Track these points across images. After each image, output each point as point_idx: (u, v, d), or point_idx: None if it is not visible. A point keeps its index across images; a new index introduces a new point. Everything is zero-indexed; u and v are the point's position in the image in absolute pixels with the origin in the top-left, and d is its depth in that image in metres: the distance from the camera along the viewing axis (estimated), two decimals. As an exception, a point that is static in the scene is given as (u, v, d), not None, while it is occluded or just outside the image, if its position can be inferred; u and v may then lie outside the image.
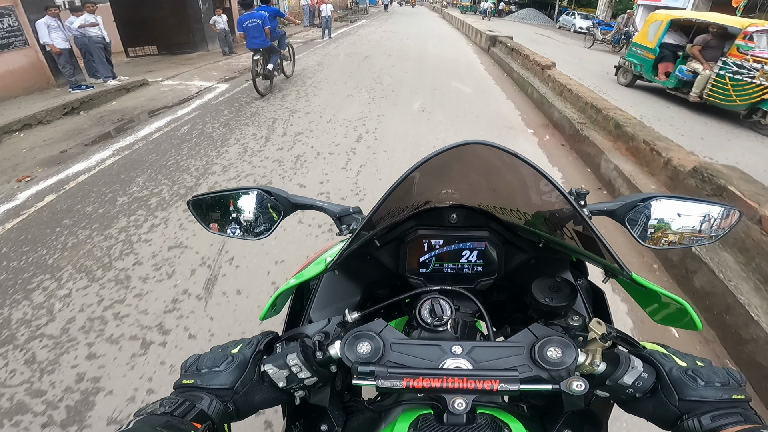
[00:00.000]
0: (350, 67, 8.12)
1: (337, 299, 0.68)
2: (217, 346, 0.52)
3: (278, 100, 5.68)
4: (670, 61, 6.48)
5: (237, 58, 9.81)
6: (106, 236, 2.57)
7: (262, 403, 0.49)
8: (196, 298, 2.05)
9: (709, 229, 0.66)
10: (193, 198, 0.73)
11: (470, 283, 0.68)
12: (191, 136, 4.39)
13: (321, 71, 7.73)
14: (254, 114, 5.09)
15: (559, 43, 15.12)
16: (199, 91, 6.54)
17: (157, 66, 8.93)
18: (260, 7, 6.20)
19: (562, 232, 0.55)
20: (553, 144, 4.21)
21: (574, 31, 22.54)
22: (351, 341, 0.47)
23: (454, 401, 0.42)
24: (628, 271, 0.49)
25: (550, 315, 0.59)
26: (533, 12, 29.81)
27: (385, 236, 0.68)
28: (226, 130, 4.50)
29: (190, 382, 0.46)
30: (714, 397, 0.41)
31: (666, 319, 0.59)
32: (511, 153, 0.46)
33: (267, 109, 5.30)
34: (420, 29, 17.19)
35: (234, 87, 6.74)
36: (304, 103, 5.48)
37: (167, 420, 0.40)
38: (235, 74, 7.90)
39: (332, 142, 4.10)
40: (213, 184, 3.26)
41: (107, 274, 2.22)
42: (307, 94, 5.99)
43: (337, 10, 27.91)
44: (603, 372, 0.46)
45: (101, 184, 3.30)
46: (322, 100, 5.64)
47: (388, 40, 12.80)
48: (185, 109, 5.52)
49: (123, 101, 6.19)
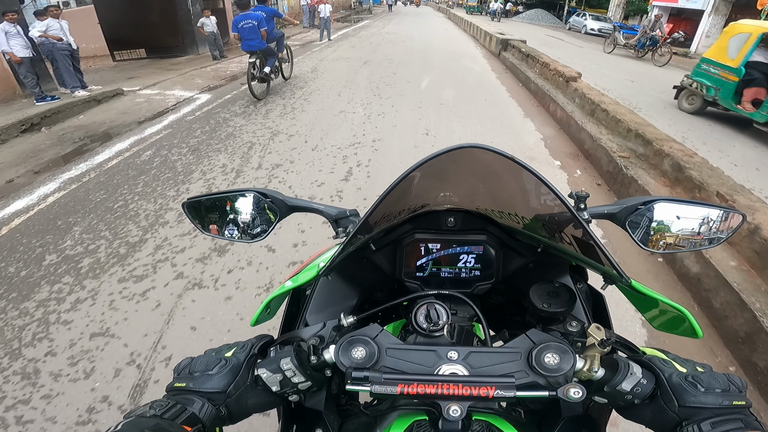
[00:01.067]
0: (347, 74, 7.35)
1: (334, 303, 0.68)
2: (211, 350, 0.52)
3: (260, 117, 4.94)
4: (762, 86, 4.93)
5: (227, 63, 9.11)
6: (21, 311, 2.04)
7: (255, 407, 0.48)
8: (118, 409, 1.58)
9: (711, 233, 0.65)
10: (189, 200, 0.72)
11: (468, 287, 0.67)
12: (152, 165, 3.68)
13: (314, 79, 6.98)
14: (230, 136, 4.36)
15: (572, 46, 14.29)
16: (177, 103, 5.84)
17: (141, 72, 8.28)
18: (257, 7, 5.79)
19: (561, 237, 0.54)
20: (587, 182, 3.43)
21: (585, 32, 21.69)
22: (345, 346, 0.45)
23: (450, 408, 0.41)
24: (626, 278, 0.49)
25: (548, 320, 0.58)
26: (541, 13, 28.94)
27: (382, 240, 0.68)
28: (194, 158, 3.78)
29: (182, 385, 0.46)
30: (714, 404, 0.40)
31: (666, 325, 0.58)
32: (508, 157, 0.45)
33: (245, 128, 4.56)
34: (424, 30, 16.38)
35: (216, 98, 6.03)
36: (289, 122, 4.74)
37: (156, 423, 0.39)
38: (222, 82, 7.19)
39: (315, 180, 3.34)
40: (162, 242, 2.54)
41: (14, 364, 1.78)
42: (294, 109, 5.23)
43: (339, 9, 27.23)
44: (601, 378, 0.45)
45: (34, 233, 2.66)
46: (311, 117, 4.89)
47: (391, 42, 12.02)
48: (155, 126, 4.82)
49: (92, 115, 5.51)
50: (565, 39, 16.90)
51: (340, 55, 9.71)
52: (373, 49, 10.74)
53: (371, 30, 16.07)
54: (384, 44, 11.61)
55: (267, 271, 2.30)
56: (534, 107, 5.62)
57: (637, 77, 8.62)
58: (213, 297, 2.11)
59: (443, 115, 5.08)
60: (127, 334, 1.89)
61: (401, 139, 4.24)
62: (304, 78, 7.12)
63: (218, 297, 2.11)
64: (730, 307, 1.88)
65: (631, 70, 9.57)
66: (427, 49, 10.90)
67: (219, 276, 2.26)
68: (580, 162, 3.78)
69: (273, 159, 3.69)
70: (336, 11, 26.29)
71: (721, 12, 15.73)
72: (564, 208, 0.46)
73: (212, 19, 9.03)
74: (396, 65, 8.29)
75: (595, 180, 3.47)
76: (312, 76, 7.25)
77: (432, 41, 12.71)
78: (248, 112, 5.18)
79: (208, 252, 2.45)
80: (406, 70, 7.83)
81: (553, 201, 0.48)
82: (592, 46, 15.07)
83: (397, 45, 11.48)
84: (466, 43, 13.05)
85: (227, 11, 11.75)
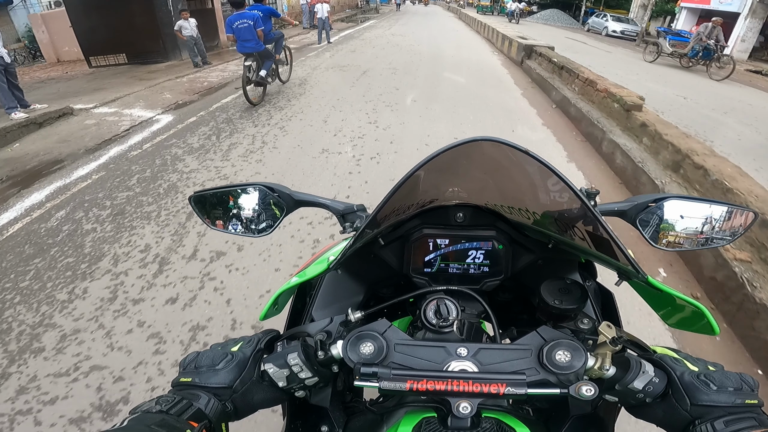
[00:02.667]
0: (340, 90, 6.11)
1: (340, 298, 0.67)
2: (217, 344, 0.51)
3: (218, 156, 3.74)
4: None
5: (208, 71, 7.97)
6: None
7: (261, 402, 0.48)
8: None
9: (723, 231, 0.64)
10: (195, 194, 0.71)
11: (476, 283, 0.66)
12: (56, 238, 2.57)
13: (300, 96, 5.76)
14: (170, 190, 3.18)
15: (599, 51, 12.89)
16: (131, 128, 4.73)
17: (111, 82, 7.24)
18: (253, 6, 5.38)
19: (573, 233, 0.54)
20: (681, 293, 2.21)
21: (606, 34, 20.25)
22: (353, 341, 0.45)
23: (459, 405, 0.41)
24: (643, 274, 0.48)
25: (559, 317, 0.58)
26: (557, 13, 27.47)
27: (390, 235, 0.67)
28: (112, 230, 2.63)
29: (188, 380, 0.45)
30: (727, 402, 0.40)
31: (681, 323, 0.56)
32: (522, 150, 0.44)
33: (194, 177, 3.36)
34: (434, 32, 15.06)
35: (178, 121, 4.88)
36: (252, 168, 3.51)
37: (162, 418, 0.38)
38: (193, 97, 6.06)
39: (272, 282, 2.13)
40: (28, 382, 1.41)
41: None
42: (265, 144, 4.00)
43: (345, 8, 25.99)
44: (612, 376, 0.45)
45: None
46: (281, 160, 3.66)
47: (396, 46, 10.74)
48: (88, 165, 3.72)
49: (28, 143, 4.43)
50: (589, 42, 15.48)
51: (337, 61, 8.50)
52: (375, 54, 9.50)
53: (376, 31, 14.82)
54: (388, 48, 10.35)
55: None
56: (578, 144, 4.28)
57: (690, 93, 7.23)
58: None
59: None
60: None
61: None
62: (290, 93, 5.90)
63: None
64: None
65: (679, 83, 8.15)
66: (437, 55, 9.60)
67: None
68: (659, 255, 2.42)
69: (216, 242, 2.50)
70: (342, 10, 25.07)
71: (758, 15, 14.40)
72: (577, 203, 0.47)
73: (191, 21, 7.90)
74: (400, 77, 7.05)
75: (692, 291, 2.19)
76: (299, 92, 6.05)
77: (442, 45, 11.39)
78: (206, 146, 4.01)
79: (89, 410, 1.45)
80: (411, 83, 6.56)
81: (565, 196, 0.48)
82: (622, 51, 13.65)
83: (402, 50, 10.20)
84: (481, 47, 11.70)
85: (217, 11, 10.63)
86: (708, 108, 6.25)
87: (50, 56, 9.69)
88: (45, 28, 9.37)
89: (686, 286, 2.25)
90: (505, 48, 10.13)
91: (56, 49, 9.61)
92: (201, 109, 5.37)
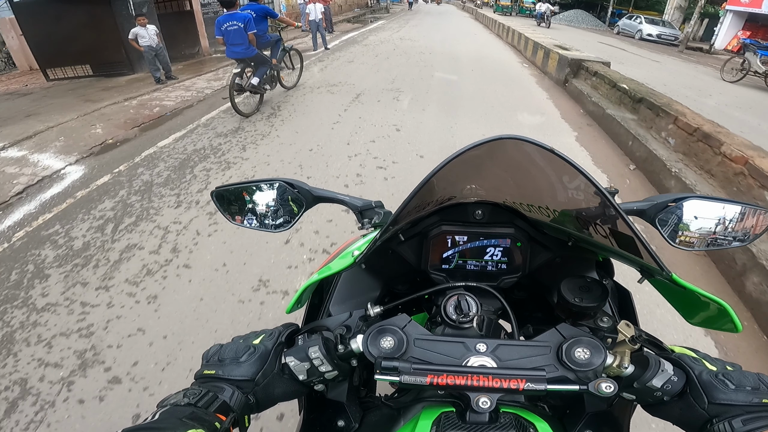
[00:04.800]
0: (318, 132, 4.34)
1: (357, 294, 0.67)
2: (239, 337, 0.51)
3: (95, 279, 2.14)
4: None
5: (172, 88, 6.45)
6: None
7: (281, 395, 0.48)
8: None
9: (743, 231, 0.64)
10: (217, 189, 0.72)
11: (493, 280, 0.66)
12: None
13: (258, 145, 4.03)
14: None
15: (643, 59, 10.97)
16: (25, 189, 3.37)
17: (55, 102, 6.03)
18: (246, 6, 4.93)
19: (594, 230, 0.53)
20: None
21: (640, 38, 18.24)
22: (374, 335, 0.45)
23: (479, 399, 0.41)
24: (667, 271, 0.47)
25: (578, 315, 0.58)
26: (581, 14, 25.45)
27: (408, 231, 0.67)
28: None
29: (211, 373, 0.46)
30: (745, 401, 0.40)
31: (704, 321, 0.55)
32: (547, 149, 0.43)
33: (41, 333, 1.77)
34: (448, 36, 13.25)
35: (85, 181, 3.34)
36: (132, 325, 1.88)
37: (192, 411, 0.39)
38: (132, 132, 4.55)
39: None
40: None
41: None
42: (177, 253, 2.38)
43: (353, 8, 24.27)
44: (631, 374, 0.45)
45: None
46: (189, 300, 2.04)
47: (403, 55, 9.03)
48: None
49: None
50: (627, 48, 13.56)
51: (327, 77, 6.82)
52: (376, 65, 7.83)
53: (383, 34, 13.13)
54: (393, 58, 8.63)
55: None
56: (703, 269, 2.45)
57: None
58: None
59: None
60: None
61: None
62: (246, 140, 4.18)
63: None
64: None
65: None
66: (453, 68, 7.85)
67: None
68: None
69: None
70: (350, 9, 23.34)
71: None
72: (596, 201, 0.47)
73: (150, 28, 6.37)
74: (404, 104, 5.33)
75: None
76: (263, 130, 4.41)
77: (459, 54, 9.60)
78: (89, 251, 2.41)
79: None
80: (418, 120, 4.75)
81: (584, 194, 0.49)
82: (671, 60, 11.65)
83: (410, 59, 8.48)
84: (506, 57, 9.82)
85: (196, 14, 9.09)
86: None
87: (22, 64, 8.36)
88: (14, 33, 8.00)
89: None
90: (538, 60, 8.30)
91: (28, 56, 8.23)
92: (127, 157, 3.81)
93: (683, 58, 12.45)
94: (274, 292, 2.08)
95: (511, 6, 26.06)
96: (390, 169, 3.47)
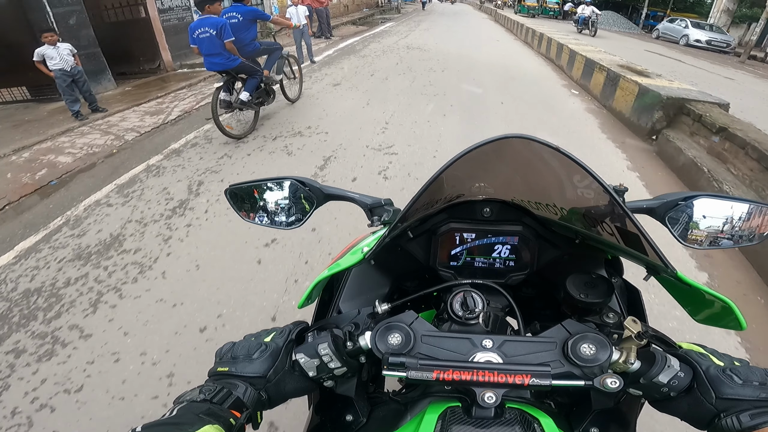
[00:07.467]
0: (235, 269, 2.09)
1: (366, 290, 0.69)
2: (250, 335, 0.53)
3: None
4: None
5: (93, 126, 4.76)
6: None
7: (292, 392, 0.50)
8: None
9: (754, 230, 0.64)
10: (231, 187, 0.74)
11: (501, 277, 0.68)
12: None
13: (166, 249, 2.35)
14: None
15: (713, 75, 8.75)
16: None
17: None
18: (231, 7, 3.99)
19: (601, 228, 0.54)
20: None
21: (685, 44, 15.91)
22: (382, 332, 0.47)
23: (485, 394, 0.42)
24: (672, 269, 0.48)
25: (584, 311, 0.59)
26: (613, 16, 23.03)
27: (417, 228, 0.68)
28: None
29: (225, 370, 0.47)
30: (752, 396, 0.41)
31: (708, 318, 0.56)
32: (553, 147, 0.45)
33: None
34: (464, 44, 11.15)
35: None
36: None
37: (208, 407, 0.40)
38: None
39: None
40: None
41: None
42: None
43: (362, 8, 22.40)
44: (637, 370, 0.45)
45: None
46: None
47: (407, 73, 7.10)
48: None
49: None
50: (682, 58, 11.33)
51: (293, 118, 4.88)
52: (369, 91, 5.92)
53: (387, 40, 11.25)
54: (393, 79, 6.71)
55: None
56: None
57: None
58: None
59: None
60: None
61: None
62: (113, 279, 2.50)
63: None
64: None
65: None
66: (475, 99, 5.91)
67: None
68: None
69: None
70: (358, 10, 21.43)
71: None
72: (604, 200, 0.48)
73: (62, 48, 4.71)
74: (395, 181, 3.50)
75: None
76: (154, 253, 2.65)
77: (480, 72, 7.53)
78: None
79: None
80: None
81: (592, 193, 0.49)
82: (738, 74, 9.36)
83: (416, 83, 6.50)
84: (547, 80, 7.57)
85: (153, 21, 7.40)
86: None
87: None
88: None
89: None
90: (594, 86, 5.90)
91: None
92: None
93: (755, 72, 10.20)
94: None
95: (537, 7, 23.72)
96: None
